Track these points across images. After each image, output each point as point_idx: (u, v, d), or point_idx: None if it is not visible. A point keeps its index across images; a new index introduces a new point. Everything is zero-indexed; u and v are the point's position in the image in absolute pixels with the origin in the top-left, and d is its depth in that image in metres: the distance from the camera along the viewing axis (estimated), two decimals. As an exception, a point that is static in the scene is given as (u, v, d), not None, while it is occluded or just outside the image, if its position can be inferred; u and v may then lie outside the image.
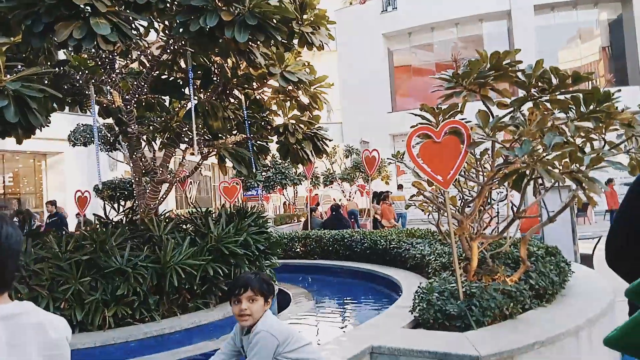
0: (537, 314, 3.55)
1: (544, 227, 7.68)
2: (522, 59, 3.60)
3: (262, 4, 4.10)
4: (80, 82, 4.90)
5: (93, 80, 4.84)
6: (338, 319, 5.53)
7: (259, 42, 4.43)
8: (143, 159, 5.37)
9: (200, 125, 5.48)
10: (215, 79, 5.57)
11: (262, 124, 6.37)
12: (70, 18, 3.64)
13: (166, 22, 5.28)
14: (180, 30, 4.22)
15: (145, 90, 5.28)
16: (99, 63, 5.26)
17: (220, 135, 5.70)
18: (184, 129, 5.74)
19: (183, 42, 5.02)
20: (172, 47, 5.13)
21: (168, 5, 4.47)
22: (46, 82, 4.28)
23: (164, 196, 5.76)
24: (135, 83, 5.05)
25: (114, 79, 4.98)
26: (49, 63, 4.64)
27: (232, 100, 6.14)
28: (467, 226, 4.08)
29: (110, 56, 5.27)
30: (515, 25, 23.27)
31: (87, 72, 4.99)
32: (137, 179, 5.42)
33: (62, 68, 4.81)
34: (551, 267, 4.16)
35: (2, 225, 1.12)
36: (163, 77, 5.88)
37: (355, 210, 15.65)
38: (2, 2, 3.72)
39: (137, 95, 5.02)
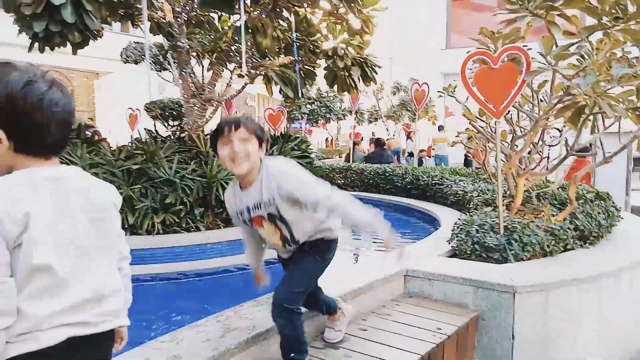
0: (578, 254, 3.47)
1: (597, 175, 7.37)
2: (598, -17, 3.29)
3: None
4: (133, -8, 4.88)
5: (145, -9, 4.80)
6: (374, 246, 5.62)
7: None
8: (192, 75, 5.40)
9: (249, 44, 5.41)
10: (266, -5, 5.43)
11: (311, 47, 6.23)
12: None
13: None
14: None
15: (195, 4, 5.22)
16: (151, -25, 5.21)
17: (268, 56, 5.63)
18: (232, 48, 5.70)
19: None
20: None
21: None
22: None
23: (211, 115, 5.84)
24: (186, -4, 4.99)
25: (166, -9, 4.92)
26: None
27: (280, 21, 6.00)
28: (515, 162, 3.95)
29: (163, -32, 5.19)
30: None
31: (139, -18, 4.95)
32: (185, 96, 5.49)
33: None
34: (599, 210, 4.02)
35: (49, 89, 1.10)
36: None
37: (398, 148, 15.46)
38: None
39: (187, 8, 4.96)
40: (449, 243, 3.74)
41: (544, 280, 2.87)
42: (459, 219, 3.92)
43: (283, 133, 5.85)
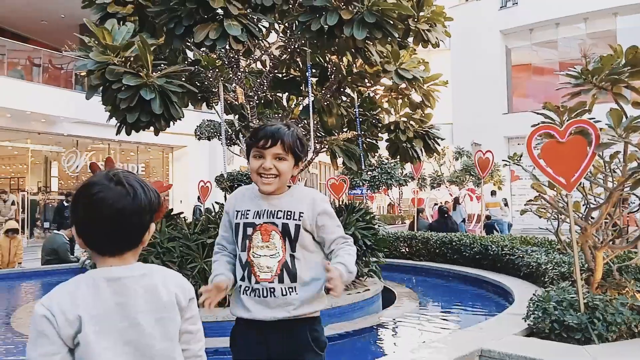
0: (672, 335, 3.20)
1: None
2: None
3: (380, 2, 4.17)
4: (211, 79, 5.36)
5: (222, 78, 5.26)
6: (444, 320, 5.43)
7: (375, 40, 4.51)
8: (261, 152, 5.72)
9: (315, 122, 5.70)
10: (330, 76, 5.76)
11: (373, 121, 6.45)
12: (206, 21, 4.02)
13: (286, 23, 5.58)
14: (302, 29, 4.45)
15: (265, 87, 5.63)
16: (226, 62, 5.71)
17: (332, 131, 5.88)
18: (299, 126, 6.02)
19: (302, 42, 5.26)
20: (292, 47, 5.41)
21: (291, 6, 4.73)
22: (183, 79, 4.74)
23: (278, 188, 6.07)
24: (258, 81, 5.40)
25: (239, 77, 5.37)
26: (185, 62, 5.14)
27: (344, 98, 6.30)
28: (591, 234, 3.79)
29: (236, 56, 5.69)
30: (656, 18, 20.82)
31: (217, 70, 5.44)
32: (255, 170, 5.80)
33: (195, 67, 5.30)
34: (692, 286, 3.72)
35: (102, 190, 1.11)
36: (281, 75, 6.22)
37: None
38: (150, 8, 4.22)
39: (259, 92, 5.36)
40: (525, 320, 3.58)
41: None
42: (534, 294, 3.76)
43: (347, 204, 5.96)
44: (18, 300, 6.85)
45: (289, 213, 1.74)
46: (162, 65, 4.38)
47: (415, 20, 5.06)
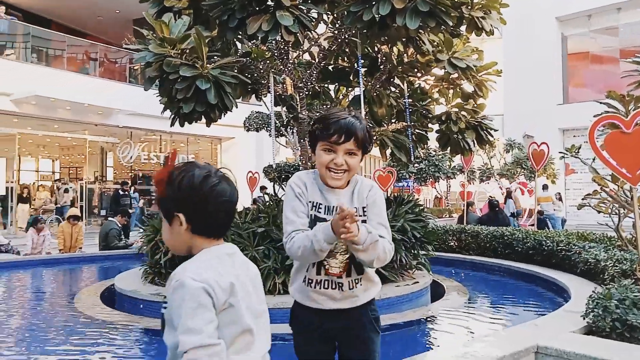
0: None
1: None
2: None
3: (435, -10, 4.07)
4: (261, 71, 5.42)
5: (272, 70, 5.31)
6: (495, 315, 5.30)
7: (428, 29, 4.42)
8: (310, 143, 5.75)
9: (364, 113, 5.67)
10: (380, 67, 5.70)
11: (422, 112, 6.34)
12: (258, 13, 4.06)
13: (335, 14, 5.55)
14: (353, 19, 4.41)
15: (314, 79, 5.64)
16: (276, 54, 5.76)
17: (382, 122, 5.83)
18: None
19: (352, 32, 5.23)
20: (341, 38, 5.38)
21: (341, -4, 4.71)
22: (235, 70, 4.82)
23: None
24: (308, 72, 5.42)
25: (289, 68, 5.40)
26: (237, 54, 5.23)
27: (392, 88, 6.22)
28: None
29: (286, 47, 5.73)
30: None
31: (267, 62, 5.49)
32: (304, 162, 5.83)
33: (246, 59, 5.38)
34: None
35: (219, 182, 1.31)
36: (330, 66, 6.20)
37: (520, 210, 14.73)
38: (204, 1, 4.31)
39: (308, 84, 5.38)
40: (584, 318, 3.44)
41: None
42: (593, 291, 3.60)
43: (396, 196, 5.91)
44: (80, 283, 7.23)
45: (355, 210, 1.72)
46: (215, 57, 4.46)
47: (469, 7, 4.92)
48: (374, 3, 4.16)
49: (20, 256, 8.70)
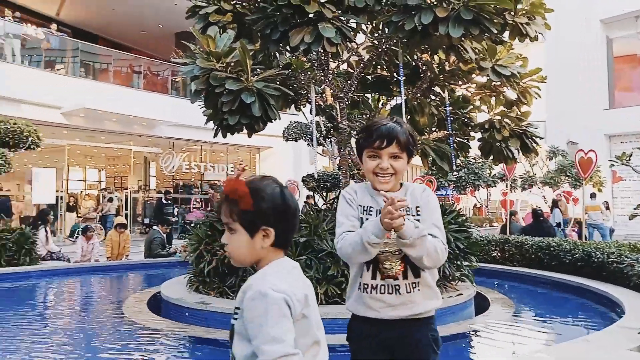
0: None
1: None
2: None
3: (478, -3, 4.03)
4: (302, 82, 5.48)
5: (313, 81, 5.36)
6: (543, 330, 5.13)
7: (471, 37, 4.37)
8: (351, 153, 5.76)
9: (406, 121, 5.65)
10: (421, 75, 5.66)
11: (464, 120, 6.25)
12: (300, 25, 4.12)
13: (374, 24, 5.55)
14: (394, 29, 4.40)
15: (353, 88, 5.65)
16: (316, 65, 5.81)
17: (424, 131, 5.78)
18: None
19: (393, 42, 5.22)
20: (382, 47, 5.38)
21: (382, 6, 4.71)
22: (277, 82, 4.89)
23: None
24: (349, 82, 5.44)
25: (330, 79, 5.44)
26: (279, 66, 5.31)
27: (433, 97, 6.16)
28: None
29: (326, 58, 5.77)
30: None
31: (308, 73, 5.55)
32: (344, 171, 5.84)
33: (288, 70, 5.45)
34: None
35: (292, 196, 1.36)
36: (369, 75, 6.21)
37: (566, 219, 14.26)
38: (248, 15, 4.40)
39: (348, 94, 5.39)
40: (641, 335, 3.29)
41: None
42: (651, 307, 3.45)
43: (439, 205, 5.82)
44: (127, 290, 7.45)
45: (407, 209, 1.75)
46: (258, 69, 4.55)
47: (513, 13, 4.83)
48: (415, 12, 4.15)
49: (71, 263, 9.04)
